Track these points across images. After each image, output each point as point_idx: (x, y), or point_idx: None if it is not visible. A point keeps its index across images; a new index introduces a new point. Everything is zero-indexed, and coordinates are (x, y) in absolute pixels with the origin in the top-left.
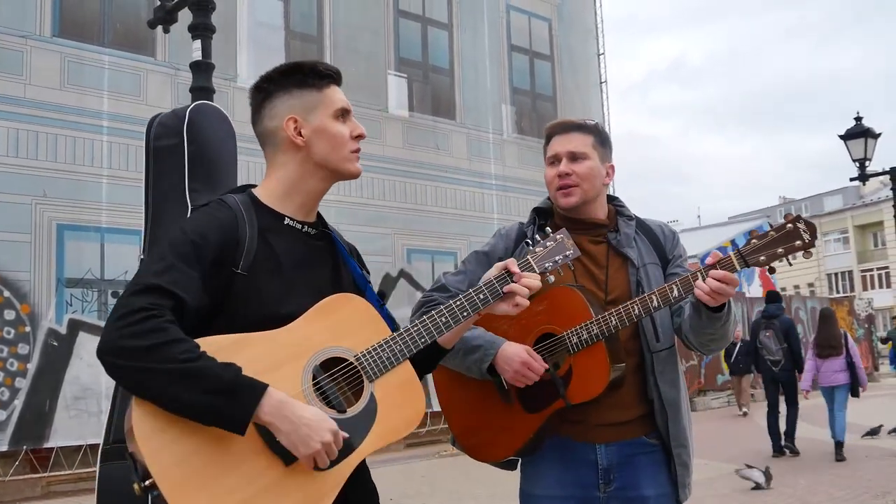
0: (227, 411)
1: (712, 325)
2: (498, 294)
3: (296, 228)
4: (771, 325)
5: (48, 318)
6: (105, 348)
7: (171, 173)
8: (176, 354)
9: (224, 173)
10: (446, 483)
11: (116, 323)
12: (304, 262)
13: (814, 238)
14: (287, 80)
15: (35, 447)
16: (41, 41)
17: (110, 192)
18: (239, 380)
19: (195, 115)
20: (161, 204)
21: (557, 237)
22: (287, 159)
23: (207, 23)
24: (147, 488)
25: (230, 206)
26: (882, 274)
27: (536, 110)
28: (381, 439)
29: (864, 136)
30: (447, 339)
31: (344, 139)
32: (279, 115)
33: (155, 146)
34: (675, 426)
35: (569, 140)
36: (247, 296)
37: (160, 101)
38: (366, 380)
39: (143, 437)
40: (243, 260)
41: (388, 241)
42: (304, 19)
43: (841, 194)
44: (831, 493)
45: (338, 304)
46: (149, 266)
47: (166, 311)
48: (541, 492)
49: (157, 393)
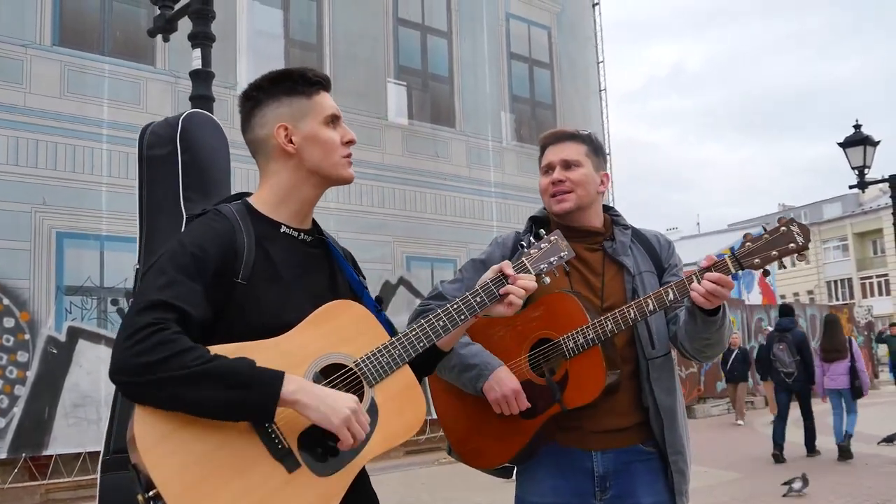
0: (253, 400)
1: (707, 329)
2: (494, 296)
3: (292, 236)
4: (784, 338)
5: (47, 325)
6: (118, 368)
7: (164, 182)
8: (190, 361)
9: (218, 181)
10: (446, 490)
11: (125, 343)
12: (302, 269)
13: (807, 241)
14: (276, 87)
15: (34, 455)
16: (41, 50)
17: (110, 200)
18: (256, 370)
19: (188, 123)
20: (155, 213)
21: (552, 239)
22: (279, 167)
23: (207, 31)
24: (151, 499)
25: (226, 215)
26: (881, 281)
27: (536, 118)
28: (383, 444)
29: (864, 143)
30: (445, 341)
31: (335, 145)
32: (269, 122)
33: (148, 155)
34: (671, 433)
35: (562, 149)
36: (246, 305)
37: (160, 110)
38: (366, 385)
39: (145, 448)
40: (242, 269)
41: (387, 248)
42: (304, 27)
43: (840, 202)
44: (832, 500)
45: (336, 310)
46: (151, 282)
47: (172, 323)
48: (537, 499)
49: (181, 401)
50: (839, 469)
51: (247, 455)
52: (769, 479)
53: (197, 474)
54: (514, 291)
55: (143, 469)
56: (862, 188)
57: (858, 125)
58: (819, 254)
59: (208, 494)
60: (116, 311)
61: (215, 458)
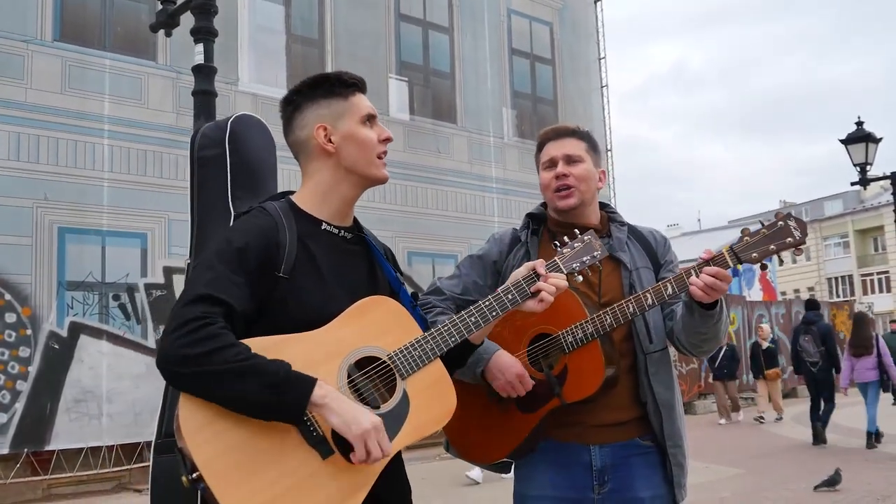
0: (285, 402)
1: (704, 323)
2: (526, 294)
3: (333, 233)
4: (810, 331)
5: (49, 321)
6: (166, 358)
7: (214, 182)
8: (231, 357)
9: (265, 181)
10: (448, 485)
11: (174, 334)
12: (342, 265)
13: (804, 235)
14: (314, 91)
15: (36, 450)
16: (42, 45)
17: (111, 195)
18: (290, 374)
19: (237, 125)
20: (206, 211)
21: (585, 238)
22: (320, 166)
23: (209, 26)
24: (194, 480)
25: (270, 212)
26: (882, 278)
27: (537, 114)
28: (413, 434)
29: (866, 140)
30: (476, 336)
31: (372, 143)
32: (309, 124)
33: (199, 156)
34: (669, 426)
35: (564, 144)
36: (288, 299)
37: (162, 105)
38: (398, 378)
39: (189, 433)
40: (284, 264)
41: (388, 243)
42: (305, 23)
43: (841, 199)
44: (832, 496)
45: (372, 305)
46: (198, 276)
47: (219, 318)
48: (535, 493)
49: (220, 393)
50: (839, 465)
51: (284, 442)
52: (771, 475)
53: (237, 459)
54: (546, 288)
55: (187, 453)
56: (864, 185)
57: (860, 122)
58: (820, 250)
59: (247, 478)
60: (118, 307)
61: (254, 443)
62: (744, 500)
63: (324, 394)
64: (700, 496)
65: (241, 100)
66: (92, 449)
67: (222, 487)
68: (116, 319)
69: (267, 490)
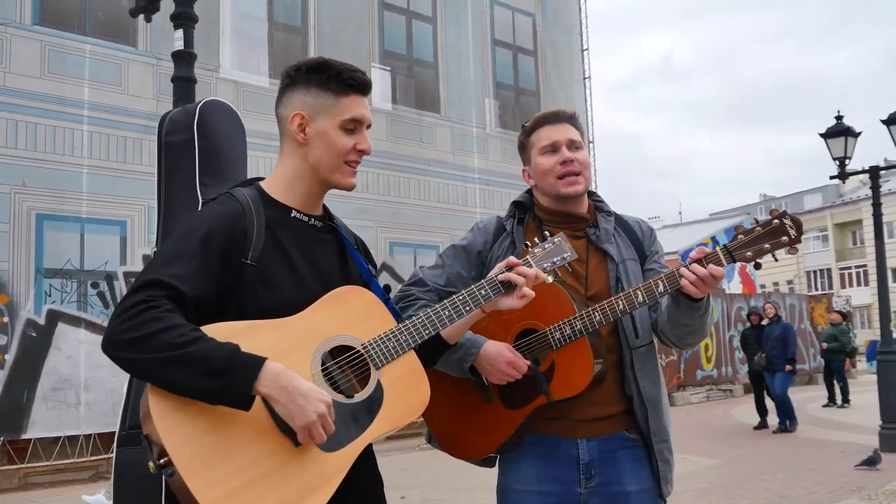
0: (227, 390)
1: (691, 315)
2: (498, 289)
3: (302, 221)
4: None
5: (27, 308)
6: (106, 342)
7: (182, 168)
8: (171, 340)
9: (234, 168)
10: (426, 475)
11: (115, 319)
12: (312, 253)
13: (800, 234)
14: (311, 76)
15: (12, 438)
16: (21, 29)
17: (90, 181)
18: (235, 358)
19: (205, 110)
20: (173, 198)
21: (555, 240)
22: (290, 152)
23: (190, 12)
24: (162, 466)
25: (238, 199)
26: (860, 272)
27: (519, 105)
28: (387, 425)
29: (845, 134)
30: (450, 333)
31: (341, 150)
32: (290, 106)
33: (167, 141)
34: (655, 422)
35: (566, 129)
36: (257, 285)
37: (141, 91)
38: (372, 367)
39: (159, 417)
40: (252, 250)
41: (370, 233)
42: (288, 11)
43: (821, 192)
44: (809, 487)
45: (346, 295)
46: (153, 262)
47: (162, 300)
48: (520, 486)
49: (161, 380)
50: (815, 457)
51: (256, 427)
52: (748, 465)
53: (207, 444)
54: (516, 280)
55: (155, 438)
56: (842, 179)
57: (840, 116)
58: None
59: (217, 463)
60: (96, 295)
61: (226, 429)
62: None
63: (269, 381)
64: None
65: (221, 87)
66: (69, 438)
67: (192, 471)
68: (95, 307)
69: (238, 475)
